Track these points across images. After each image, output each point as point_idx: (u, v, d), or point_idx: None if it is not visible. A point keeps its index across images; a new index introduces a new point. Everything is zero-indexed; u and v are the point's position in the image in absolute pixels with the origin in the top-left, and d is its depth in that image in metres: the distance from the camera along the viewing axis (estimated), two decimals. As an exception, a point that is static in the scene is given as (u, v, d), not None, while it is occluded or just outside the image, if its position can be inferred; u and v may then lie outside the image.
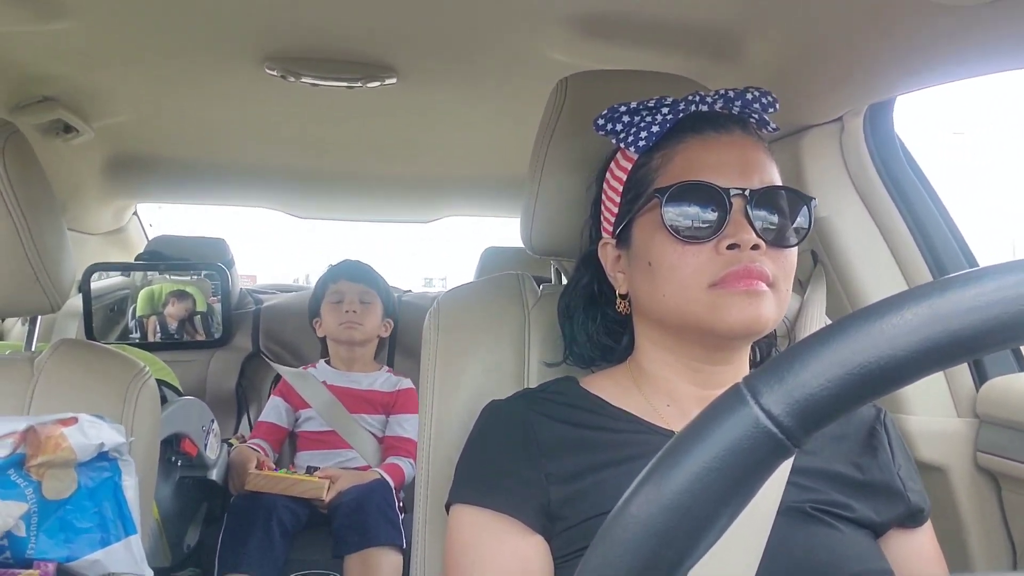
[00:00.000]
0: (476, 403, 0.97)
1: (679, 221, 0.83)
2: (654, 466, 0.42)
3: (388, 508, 1.94)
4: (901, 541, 0.89)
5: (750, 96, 0.89)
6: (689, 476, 0.40)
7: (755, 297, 0.81)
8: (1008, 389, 1.31)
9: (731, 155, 0.86)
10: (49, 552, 0.96)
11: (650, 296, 0.88)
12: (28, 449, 0.97)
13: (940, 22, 1.02)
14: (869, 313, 0.40)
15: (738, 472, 0.40)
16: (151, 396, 1.16)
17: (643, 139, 0.89)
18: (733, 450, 0.40)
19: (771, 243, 0.83)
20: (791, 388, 0.40)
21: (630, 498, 0.42)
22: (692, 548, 0.41)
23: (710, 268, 0.82)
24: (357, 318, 2.24)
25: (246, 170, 2.66)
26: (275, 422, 2.22)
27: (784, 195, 0.85)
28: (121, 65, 1.68)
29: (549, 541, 0.84)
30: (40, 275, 1.10)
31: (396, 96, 1.78)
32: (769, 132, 0.92)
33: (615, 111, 0.91)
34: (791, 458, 0.55)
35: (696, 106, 0.89)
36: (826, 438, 0.88)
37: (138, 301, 2.60)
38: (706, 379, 0.89)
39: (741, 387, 0.41)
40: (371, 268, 2.38)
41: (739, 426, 0.40)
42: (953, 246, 1.42)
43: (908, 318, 0.39)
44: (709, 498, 0.40)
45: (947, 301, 0.39)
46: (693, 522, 0.40)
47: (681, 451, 0.41)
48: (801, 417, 0.40)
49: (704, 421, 0.42)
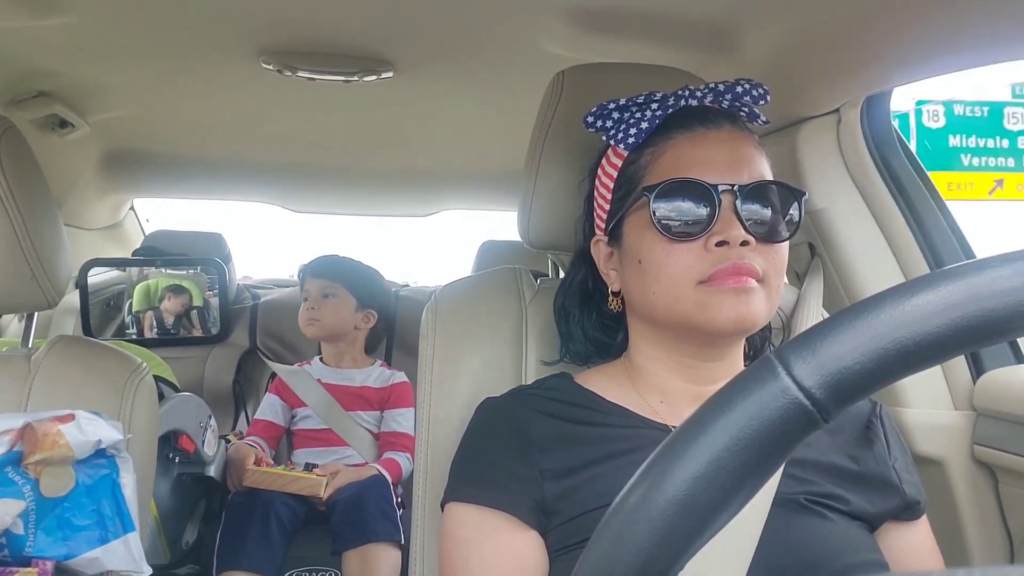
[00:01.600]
0: (474, 397, 0.97)
1: (668, 219, 0.83)
2: (678, 433, 0.41)
3: (386, 504, 1.94)
4: (897, 534, 0.89)
5: (740, 89, 0.88)
6: (715, 444, 0.40)
7: (744, 294, 0.81)
8: (1005, 382, 1.32)
9: (720, 151, 0.85)
10: (47, 550, 0.96)
11: (641, 293, 0.88)
12: (25, 446, 0.96)
13: (937, 13, 1.02)
14: (905, 289, 0.40)
15: (765, 444, 0.39)
16: (149, 393, 1.16)
17: (632, 136, 0.89)
18: (762, 420, 0.39)
19: (761, 239, 0.83)
20: (824, 360, 0.39)
21: (652, 464, 0.41)
22: (712, 520, 0.40)
23: (699, 266, 0.82)
24: (315, 314, 2.22)
25: (242, 165, 2.65)
26: (271, 420, 2.22)
27: (774, 190, 0.85)
28: (117, 60, 1.68)
29: (544, 536, 0.84)
30: (36, 271, 1.09)
31: (392, 90, 1.77)
32: (760, 125, 0.91)
33: (604, 108, 0.91)
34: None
35: (686, 101, 0.89)
36: (822, 431, 0.88)
37: (134, 296, 2.60)
38: (699, 375, 0.89)
39: (771, 358, 0.41)
40: (340, 262, 2.33)
41: (768, 397, 0.39)
42: (950, 238, 1.42)
43: (944, 295, 0.38)
44: (734, 469, 0.40)
45: (985, 280, 0.38)
46: (716, 493, 0.40)
47: (707, 420, 0.41)
48: (833, 390, 0.39)
49: (732, 391, 0.41)
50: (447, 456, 0.95)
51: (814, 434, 0.40)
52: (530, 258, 1.26)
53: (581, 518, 0.82)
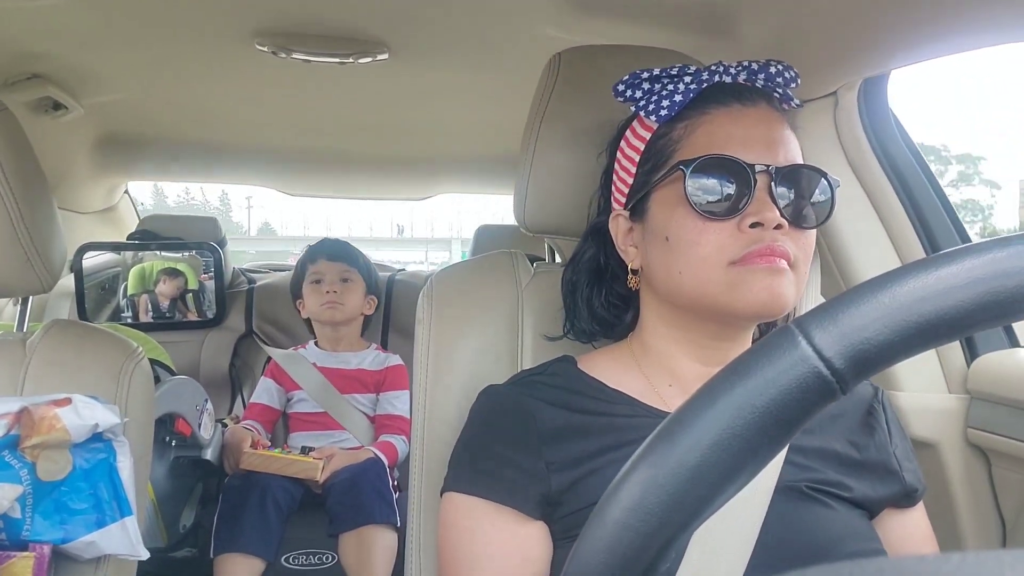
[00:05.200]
0: (470, 382, 0.97)
1: (701, 196, 0.80)
2: (693, 400, 0.41)
3: (382, 487, 1.95)
4: (894, 521, 0.90)
5: (774, 69, 0.86)
6: (730, 409, 0.39)
7: (777, 274, 0.78)
8: (999, 365, 1.32)
9: (757, 129, 0.83)
10: (44, 534, 0.96)
11: (666, 272, 0.85)
12: (22, 430, 0.96)
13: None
14: (929, 263, 0.39)
15: (782, 412, 0.39)
16: (145, 376, 1.16)
17: (664, 108, 0.85)
18: (779, 388, 0.39)
19: (792, 223, 0.81)
20: (846, 331, 0.39)
21: (665, 429, 0.41)
22: (723, 488, 0.40)
23: (732, 246, 0.79)
24: (338, 298, 2.22)
25: (237, 148, 2.64)
26: (267, 403, 2.22)
27: (808, 174, 0.83)
28: (111, 42, 1.66)
29: (549, 525, 0.84)
30: (31, 255, 1.09)
31: (388, 72, 1.76)
32: (792, 107, 0.89)
33: (636, 77, 0.88)
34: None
35: (720, 76, 0.86)
36: (823, 416, 0.88)
37: (129, 280, 2.59)
38: (711, 356, 0.88)
39: (791, 327, 0.40)
40: (350, 246, 2.36)
41: (787, 364, 0.39)
42: (946, 222, 1.42)
43: (969, 270, 0.38)
44: (748, 436, 0.39)
45: (1010, 256, 0.38)
46: (729, 460, 0.39)
47: (724, 386, 0.40)
48: (853, 361, 0.39)
49: (751, 357, 0.40)
50: (443, 441, 0.94)
51: (816, 420, 0.39)
52: (526, 242, 1.26)
53: (585, 511, 0.80)
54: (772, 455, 0.40)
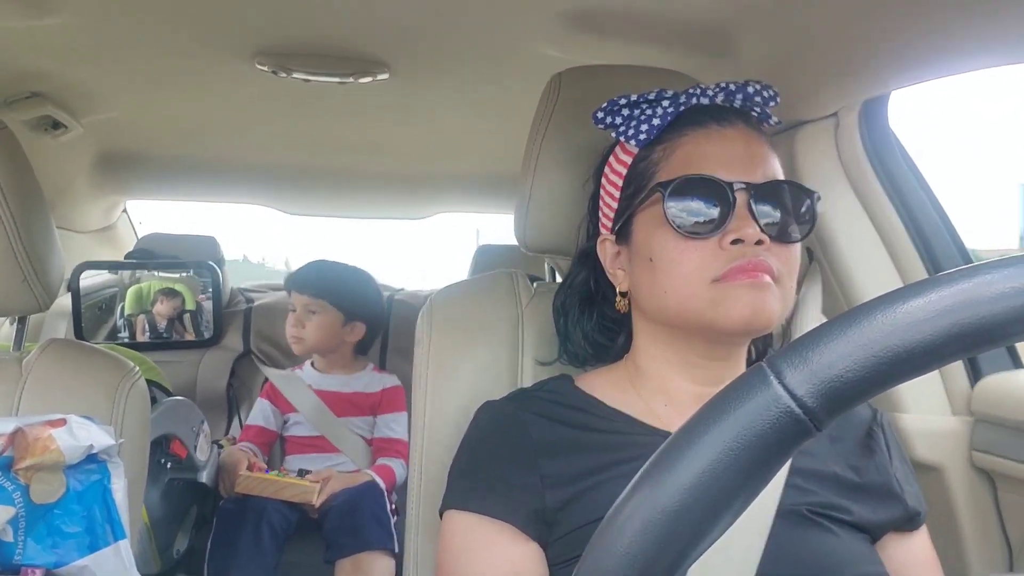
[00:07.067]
0: (470, 403, 0.96)
1: (681, 216, 0.82)
2: (669, 444, 0.41)
3: (380, 511, 1.93)
4: (897, 545, 0.89)
5: (751, 89, 0.88)
6: (707, 454, 0.39)
7: (760, 289, 0.79)
8: (1003, 387, 1.31)
9: (734, 148, 0.84)
10: (37, 558, 0.94)
11: (651, 292, 0.86)
12: (16, 452, 0.95)
13: (934, 16, 1.02)
14: (896, 296, 0.39)
15: (758, 453, 0.39)
16: (141, 397, 1.15)
17: (643, 132, 0.87)
18: (754, 430, 0.39)
19: (775, 238, 0.82)
20: (816, 369, 0.39)
21: (644, 475, 0.41)
22: (707, 531, 0.40)
23: (714, 264, 0.80)
24: (297, 332, 2.17)
25: (237, 167, 2.64)
26: (263, 425, 2.19)
27: (787, 190, 0.84)
28: (110, 61, 1.66)
29: (544, 548, 0.83)
30: (28, 274, 1.08)
31: (388, 92, 1.76)
32: (771, 126, 0.90)
33: (615, 104, 0.90)
34: (789, 460, 0.54)
35: (697, 99, 0.88)
36: (823, 439, 0.87)
37: (126, 299, 2.58)
38: (705, 376, 0.88)
39: (763, 366, 0.40)
40: (326, 272, 2.23)
41: (760, 406, 0.39)
42: (948, 242, 1.41)
43: (936, 302, 0.38)
44: (727, 479, 0.39)
45: (977, 286, 0.38)
46: (710, 503, 0.39)
47: (699, 430, 0.40)
48: (826, 398, 0.39)
49: (723, 399, 0.40)
50: (442, 463, 0.93)
51: (815, 442, 0.39)
52: (527, 262, 1.25)
53: (582, 530, 0.80)
54: (755, 494, 0.40)
